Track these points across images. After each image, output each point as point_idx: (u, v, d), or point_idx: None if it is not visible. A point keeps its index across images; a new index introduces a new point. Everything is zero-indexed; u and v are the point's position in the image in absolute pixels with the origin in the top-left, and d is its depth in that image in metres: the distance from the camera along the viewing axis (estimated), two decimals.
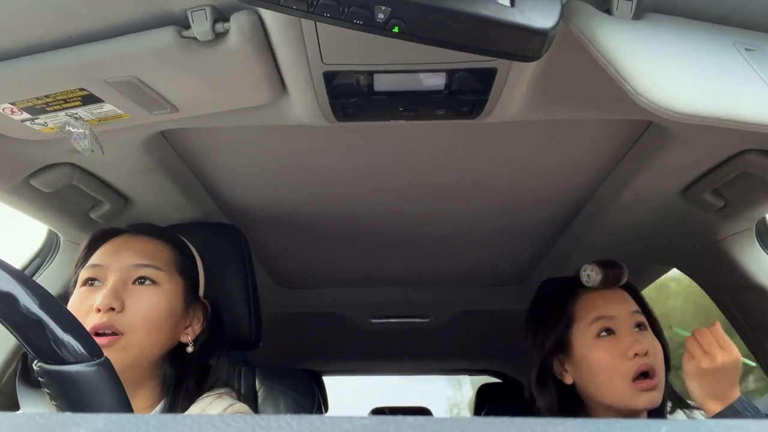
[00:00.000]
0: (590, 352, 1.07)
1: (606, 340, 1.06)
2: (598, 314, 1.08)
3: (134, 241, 0.98)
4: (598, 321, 1.08)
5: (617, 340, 1.06)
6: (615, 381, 1.03)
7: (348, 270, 1.74)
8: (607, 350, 1.05)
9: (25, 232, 1.30)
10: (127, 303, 0.90)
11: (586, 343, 1.08)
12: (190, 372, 0.95)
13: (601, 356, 1.05)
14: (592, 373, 1.07)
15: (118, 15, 0.67)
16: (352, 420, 0.25)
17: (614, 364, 1.04)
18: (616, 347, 1.05)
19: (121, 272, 0.93)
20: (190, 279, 1.00)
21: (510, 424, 0.25)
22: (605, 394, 1.05)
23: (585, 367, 1.08)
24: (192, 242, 1.08)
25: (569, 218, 1.37)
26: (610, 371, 1.04)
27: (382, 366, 2.98)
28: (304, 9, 0.54)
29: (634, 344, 1.04)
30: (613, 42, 0.60)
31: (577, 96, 0.84)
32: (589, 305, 1.10)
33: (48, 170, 1.01)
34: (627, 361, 1.03)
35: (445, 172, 1.15)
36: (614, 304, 1.09)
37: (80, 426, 0.24)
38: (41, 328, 0.47)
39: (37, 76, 0.72)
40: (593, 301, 1.10)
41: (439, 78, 0.77)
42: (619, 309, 1.09)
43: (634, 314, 1.09)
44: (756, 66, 0.62)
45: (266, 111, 0.87)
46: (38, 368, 0.48)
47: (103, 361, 0.50)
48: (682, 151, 0.97)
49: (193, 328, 0.98)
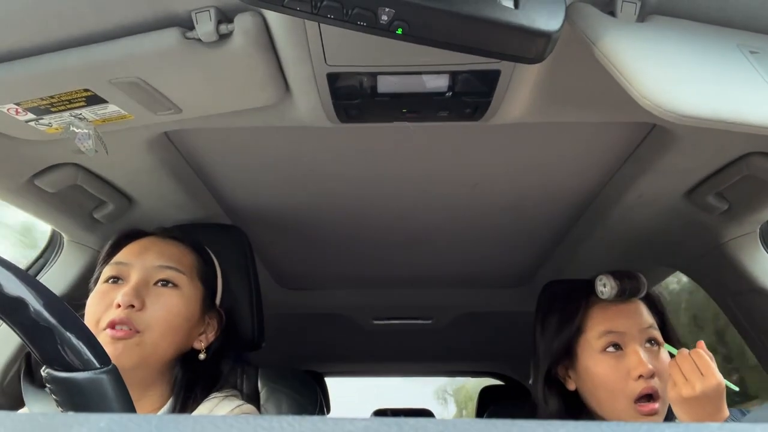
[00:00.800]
0: (594, 366, 1.03)
1: (612, 357, 1.02)
2: (607, 328, 1.04)
3: (160, 243, 0.99)
4: (606, 335, 1.04)
5: (623, 358, 1.02)
6: (617, 399, 1.00)
7: (351, 271, 1.74)
8: (612, 367, 1.02)
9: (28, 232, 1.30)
10: (147, 302, 0.91)
11: (592, 356, 1.04)
12: (199, 377, 0.96)
13: (605, 372, 1.02)
14: (593, 387, 1.04)
15: (122, 16, 0.67)
16: (354, 422, 0.25)
17: (617, 382, 1.00)
18: (621, 365, 1.01)
19: (144, 272, 0.94)
20: (209, 286, 1.01)
21: (512, 426, 0.25)
22: (605, 410, 1.02)
23: (588, 379, 1.04)
24: None
25: (572, 220, 1.36)
26: (612, 389, 1.01)
27: (384, 368, 2.98)
28: (307, 10, 0.54)
29: (639, 365, 0.99)
30: (617, 44, 0.60)
31: (580, 98, 0.84)
32: (599, 317, 1.06)
33: (52, 170, 1.01)
34: (631, 382, 0.99)
35: (448, 174, 1.14)
36: (626, 319, 1.05)
37: (83, 426, 0.24)
38: (50, 334, 0.47)
39: (41, 76, 0.72)
40: (605, 312, 1.06)
41: (442, 80, 0.77)
42: (630, 324, 1.04)
43: (647, 330, 1.04)
44: (760, 68, 0.62)
45: (270, 112, 0.87)
46: (46, 374, 0.48)
47: (111, 369, 0.50)
48: (685, 153, 0.97)
49: (207, 335, 0.99)
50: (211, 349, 0.99)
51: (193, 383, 0.95)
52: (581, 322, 1.07)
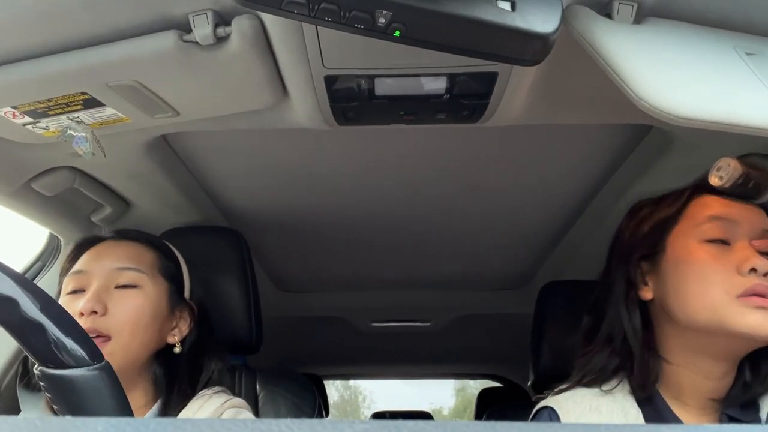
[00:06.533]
0: (690, 254, 0.79)
1: (717, 248, 0.79)
2: (717, 213, 0.80)
3: (116, 246, 0.99)
4: (713, 222, 0.80)
5: (731, 252, 0.78)
6: (713, 291, 0.76)
7: (349, 274, 1.74)
8: (715, 257, 0.78)
9: (26, 236, 1.30)
10: (109, 306, 0.91)
11: (688, 245, 0.80)
12: (180, 372, 0.96)
13: (705, 260, 0.78)
14: (682, 282, 0.79)
15: (119, 19, 0.67)
16: (352, 424, 0.25)
17: (718, 273, 0.76)
18: (727, 257, 0.77)
19: (103, 277, 0.94)
20: (174, 281, 1.01)
21: (510, 428, 0.25)
22: (694, 307, 0.77)
23: (676, 275, 0.80)
24: (193, 246, 1.08)
25: (570, 222, 1.36)
26: (712, 280, 0.76)
27: (382, 370, 2.98)
28: (305, 13, 0.54)
29: (753, 257, 0.76)
30: (614, 46, 0.60)
31: (578, 100, 0.84)
32: (708, 204, 0.82)
33: (49, 174, 1.01)
34: (737, 276, 0.75)
35: (446, 176, 1.15)
36: (741, 210, 0.80)
37: (79, 429, 0.24)
38: (42, 332, 0.47)
39: (38, 79, 0.72)
40: (714, 202, 0.82)
41: (440, 82, 0.77)
42: (747, 217, 0.80)
43: (765, 233, 0.79)
44: (757, 70, 0.62)
45: (267, 115, 0.87)
46: (39, 372, 0.48)
47: (104, 365, 0.50)
48: (683, 155, 0.97)
49: (180, 329, 0.99)
50: (186, 343, 0.99)
51: (175, 378, 0.95)
52: (682, 209, 0.84)
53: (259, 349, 1.20)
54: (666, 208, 0.86)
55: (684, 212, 0.83)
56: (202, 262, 1.08)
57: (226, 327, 1.13)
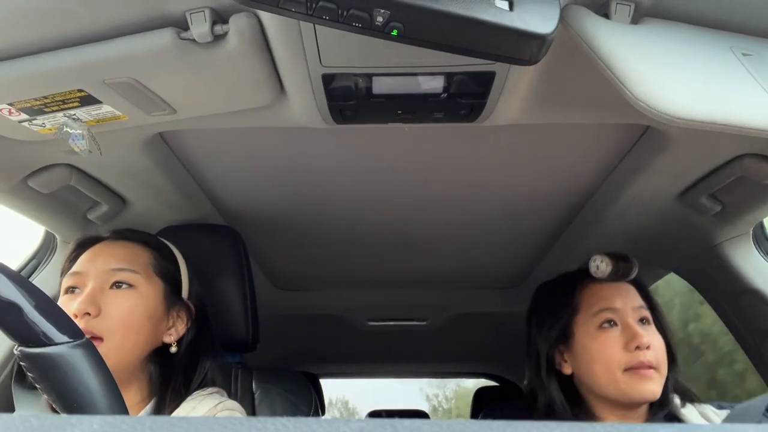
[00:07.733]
0: (591, 342, 1.05)
1: (608, 332, 1.05)
2: (603, 306, 1.07)
3: (111, 247, 0.99)
4: (603, 312, 1.06)
5: (619, 332, 1.05)
6: (614, 372, 1.02)
7: (346, 272, 1.74)
8: (609, 341, 1.04)
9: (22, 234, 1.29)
10: (103, 307, 0.91)
11: (588, 332, 1.06)
12: (176, 371, 0.96)
13: (601, 346, 1.04)
14: (590, 363, 1.05)
15: (116, 16, 0.67)
16: (349, 423, 0.25)
17: (613, 354, 1.03)
18: (617, 339, 1.04)
19: (98, 278, 0.94)
20: (170, 281, 1.00)
21: (506, 427, 0.25)
22: (602, 384, 1.04)
23: (584, 356, 1.06)
24: (189, 244, 1.08)
25: (567, 221, 1.37)
26: (609, 362, 1.03)
27: (379, 369, 2.98)
28: (303, 11, 0.54)
29: (636, 337, 1.02)
30: (611, 46, 0.60)
31: (575, 100, 0.84)
32: (595, 296, 1.09)
33: (45, 171, 1.01)
34: (627, 353, 1.02)
35: (442, 175, 1.15)
36: (620, 297, 1.08)
37: (75, 427, 0.24)
38: (18, 312, 0.47)
39: (35, 76, 0.72)
40: (599, 291, 1.09)
41: (437, 81, 0.77)
42: (624, 302, 1.07)
43: (638, 309, 1.08)
44: (753, 71, 0.62)
45: (265, 113, 0.87)
46: (18, 352, 0.48)
47: (85, 342, 0.50)
48: (679, 155, 0.98)
49: (177, 328, 0.99)
50: (183, 342, 0.99)
51: (170, 378, 0.95)
52: (577, 303, 1.10)
53: (255, 347, 1.19)
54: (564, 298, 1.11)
55: (580, 303, 1.09)
56: (198, 260, 1.08)
57: (222, 325, 1.13)
